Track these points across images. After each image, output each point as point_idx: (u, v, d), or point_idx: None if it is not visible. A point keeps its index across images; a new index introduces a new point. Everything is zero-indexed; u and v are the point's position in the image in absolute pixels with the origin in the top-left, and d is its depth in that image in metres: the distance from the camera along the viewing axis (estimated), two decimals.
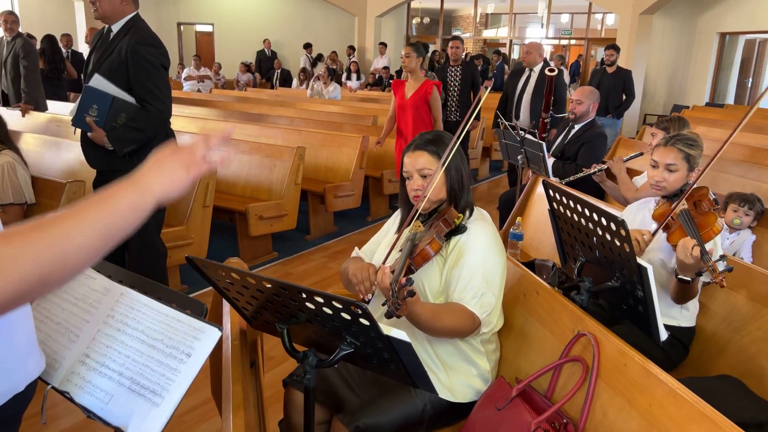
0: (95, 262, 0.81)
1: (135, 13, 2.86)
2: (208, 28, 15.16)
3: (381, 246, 1.93)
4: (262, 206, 4.21)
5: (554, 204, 1.92)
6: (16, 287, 0.72)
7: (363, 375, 1.77)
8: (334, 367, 1.71)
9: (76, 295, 1.21)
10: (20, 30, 5.98)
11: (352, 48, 13.44)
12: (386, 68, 12.69)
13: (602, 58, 7.46)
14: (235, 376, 1.29)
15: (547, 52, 15.48)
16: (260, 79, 13.72)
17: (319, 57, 13.25)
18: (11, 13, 5.98)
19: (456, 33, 15.99)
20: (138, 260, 3.01)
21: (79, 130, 2.91)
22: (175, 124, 5.51)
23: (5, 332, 0.97)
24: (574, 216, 1.80)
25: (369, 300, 1.69)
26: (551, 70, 4.38)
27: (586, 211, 1.71)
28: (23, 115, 5.64)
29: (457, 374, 1.73)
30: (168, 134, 3.02)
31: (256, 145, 4.74)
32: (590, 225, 1.72)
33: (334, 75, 10.09)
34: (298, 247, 4.77)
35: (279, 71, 13.35)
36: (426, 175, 1.73)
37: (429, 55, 13.12)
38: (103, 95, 2.75)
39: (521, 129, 3.70)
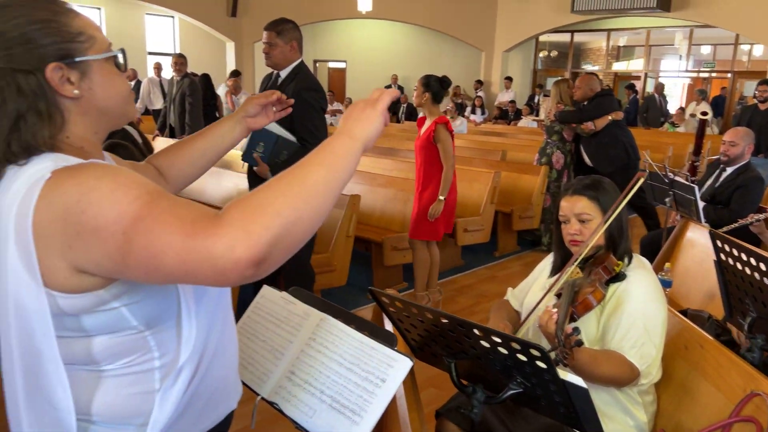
0: (333, 203, 0.92)
1: (300, 59, 3.19)
2: (341, 65, 16.04)
3: (533, 288, 1.97)
4: (396, 237, 4.38)
5: (722, 255, 1.86)
6: (278, 219, 0.82)
7: (516, 411, 1.80)
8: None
9: (279, 317, 1.39)
10: (187, 71, 6.73)
11: (479, 82, 13.58)
12: (512, 102, 12.68)
13: (754, 94, 6.95)
14: (410, 404, 1.40)
15: (686, 85, 14.64)
16: None
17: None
18: (181, 56, 6.77)
19: (586, 66, 15.62)
20: (290, 283, 3.26)
21: (246, 164, 3.26)
22: None
23: (231, 356, 1.13)
24: (746, 269, 1.74)
25: None
26: (704, 113, 4.19)
27: (762, 266, 1.65)
28: None
29: (613, 423, 1.71)
30: None
31: (390, 178, 4.96)
32: (766, 280, 1.65)
33: (461, 109, 10.26)
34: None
35: (405, 105, 13.77)
36: (584, 220, 1.76)
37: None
38: (269, 134, 3.05)
39: (670, 171, 3.57)
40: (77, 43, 0.94)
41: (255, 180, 3.24)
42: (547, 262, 2.02)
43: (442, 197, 3.81)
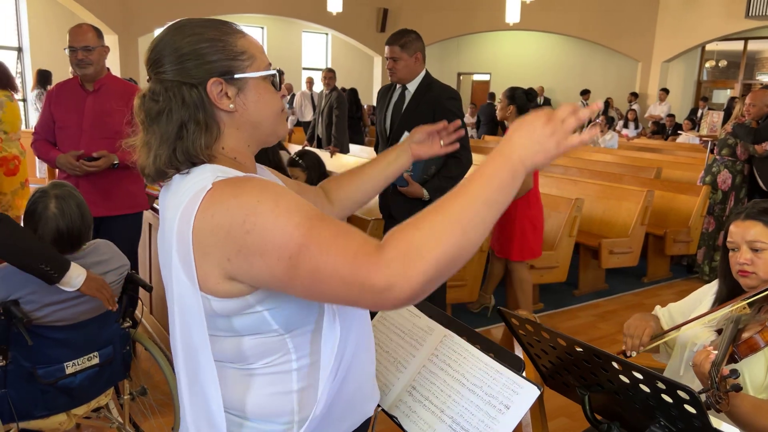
0: (489, 230, 0.89)
1: (425, 70, 3.04)
2: (485, 77, 15.91)
3: (690, 317, 1.76)
4: None
5: None
6: (435, 264, 0.84)
7: None
8: None
9: (403, 329, 1.37)
10: (336, 85, 7.06)
11: (634, 95, 12.72)
12: (671, 116, 11.70)
13: None
14: None
15: None
16: None
17: (607, 103, 12.73)
18: (330, 71, 7.13)
19: (761, 77, 13.98)
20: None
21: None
22: None
23: (368, 362, 1.14)
24: None
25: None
26: None
27: None
28: (331, 156, 6.62)
29: None
30: None
31: None
32: None
33: (611, 122, 9.68)
34: (565, 300, 4.62)
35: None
36: (758, 249, 1.55)
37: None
38: None
39: None
40: (239, 61, 1.01)
41: (396, 199, 3.04)
42: (707, 292, 1.80)
43: None
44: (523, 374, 1.14)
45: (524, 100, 3.70)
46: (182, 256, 0.95)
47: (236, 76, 1.00)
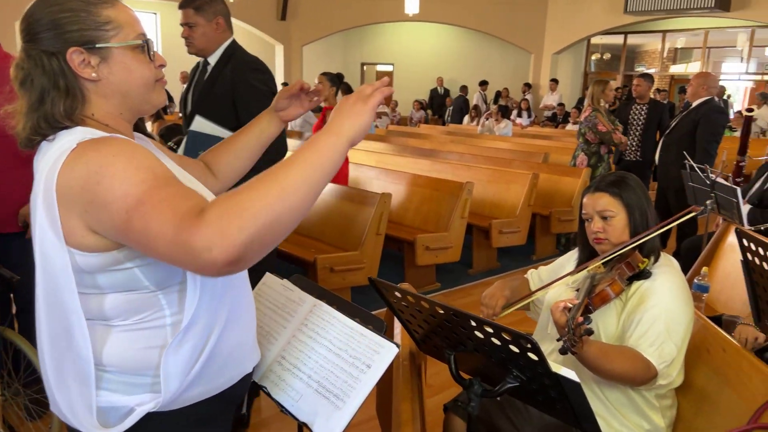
0: (315, 199, 0.94)
1: (232, 39, 2.58)
2: (389, 68, 16.10)
3: (555, 283, 1.92)
4: (429, 238, 4.35)
5: (748, 255, 1.77)
6: (253, 221, 0.86)
7: (524, 410, 1.76)
8: (497, 399, 1.74)
9: (277, 303, 1.40)
10: None
11: (527, 85, 13.37)
12: (561, 105, 12.42)
13: None
14: (404, 395, 1.38)
15: (748, 89, 13.97)
16: (431, 116, 14.19)
17: (499, 94, 13.34)
18: None
19: (640, 69, 15.14)
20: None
21: None
22: (354, 157, 5.94)
23: (248, 321, 1.17)
24: None
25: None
26: (749, 110, 3.99)
27: None
28: None
29: (626, 425, 1.65)
30: None
31: (426, 179, 4.93)
32: None
33: (506, 112, 10.12)
34: (460, 279, 4.83)
35: (451, 108, 13.70)
36: (607, 216, 1.71)
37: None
38: (209, 138, 2.40)
39: (711, 171, 3.41)
40: (101, 32, 1.02)
41: None
42: (570, 258, 1.97)
43: None
44: (385, 335, 1.20)
45: (338, 82, 5.04)
46: (48, 212, 0.97)
47: (97, 45, 1.02)
